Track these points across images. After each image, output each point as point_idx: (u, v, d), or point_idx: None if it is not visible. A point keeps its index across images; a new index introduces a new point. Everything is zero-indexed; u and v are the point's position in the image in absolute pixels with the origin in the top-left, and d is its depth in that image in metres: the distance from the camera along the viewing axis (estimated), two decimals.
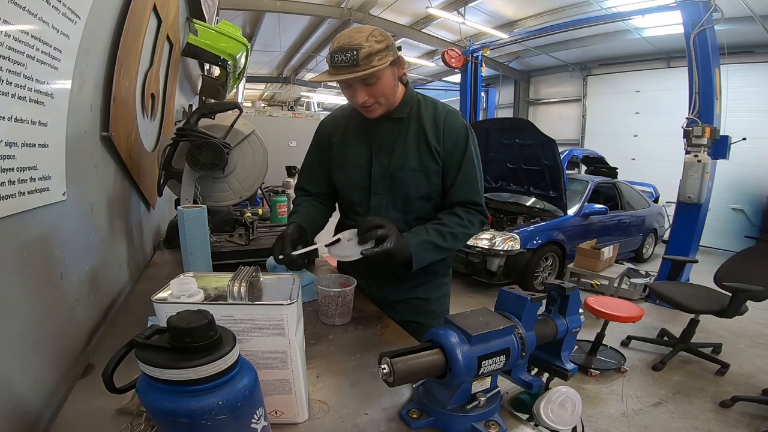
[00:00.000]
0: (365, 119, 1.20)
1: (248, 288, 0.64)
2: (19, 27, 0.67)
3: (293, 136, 9.75)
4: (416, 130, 1.20)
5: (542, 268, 4.51)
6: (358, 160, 1.23)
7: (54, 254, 0.84)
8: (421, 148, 1.19)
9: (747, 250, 3.25)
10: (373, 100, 1.09)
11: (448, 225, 1.18)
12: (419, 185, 1.19)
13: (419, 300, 1.32)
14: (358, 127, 1.25)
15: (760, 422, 2.34)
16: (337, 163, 1.27)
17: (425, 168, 1.19)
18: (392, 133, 1.20)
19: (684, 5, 4.09)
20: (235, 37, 2.86)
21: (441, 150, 1.18)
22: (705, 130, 3.98)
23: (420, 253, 1.13)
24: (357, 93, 1.07)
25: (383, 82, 1.07)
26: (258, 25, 8.41)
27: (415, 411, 0.73)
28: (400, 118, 1.20)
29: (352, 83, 1.06)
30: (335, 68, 1.03)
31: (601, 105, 9.38)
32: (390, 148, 1.20)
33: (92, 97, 1.05)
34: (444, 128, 1.18)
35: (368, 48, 1.00)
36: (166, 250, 1.78)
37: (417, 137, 1.19)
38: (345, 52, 1.00)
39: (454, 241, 1.18)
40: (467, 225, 1.19)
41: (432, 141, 1.18)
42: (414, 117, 1.21)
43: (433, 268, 1.26)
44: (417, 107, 1.22)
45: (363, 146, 1.23)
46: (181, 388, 0.46)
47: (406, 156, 1.18)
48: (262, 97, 17.01)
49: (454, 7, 6.80)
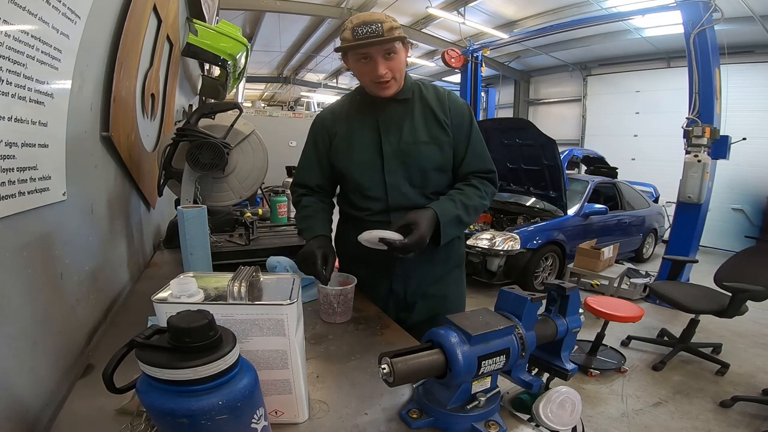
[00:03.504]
0: (369, 105, 1.25)
1: (248, 288, 0.64)
2: (19, 27, 0.67)
3: (293, 136, 9.75)
4: (422, 107, 1.25)
5: (542, 268, 4.51)
6: (366, 142, 1.24)
7: (54, 254, 0.84)
8: (429, 122, 1.24)
9: (747, 250, 3.25)
10: (391, 74, 1.15)
11: (469, 196, 1.22)
12: (433, 157, 1.22)
13: (437, 297, 1.33)
14: (362, 113, 1.27)
15: (760, 422, 2.34)
16: (342, 150, 1.27)
17: (436, 139, 1.23)
18: (398, 112, 1.24)
19: (684, 5, 4.09)
20: (235, 37, 2.86)
21: (449, 122, 1.24)
22: (705, 130, 3.98)
23: (448, 228, 1.17)
24: (379, 65, 1.12)
25: (399, 57, 1.15)
26: (258, 25, 8.41)
27: (415, 411, 0.73)
28: (404, 99, 1.24)
29: (374, 56, 1.12)
30: (359, 40, 1.09)
31: (601, 105, 9.38)
32: (398, 126, 1.23)
33: (92, 97, 1.05)
34: (449, 103, 1.26)
35: (389, 23, 1.10)
36: (166, 250, 1.78)
37: (423, 113, 1.24)
38: (370, 25, 1.08)
39: (475, 214, 1.23)
40: (483, 196, 1.25)
41: (439, 114, 1.24)
42: (417, 97, 1.26)
43: (452, 258, 1.34)
44: (419, 90, 1.28)
45: (369, 129, 1.25)
46: (181, 388, 0.46)
47: (415, 131, 1.22)
48: (262, 97, 17.01)
49: (454, 7, 6.81)
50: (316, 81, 13.46)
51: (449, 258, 1.34)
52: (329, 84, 13.79)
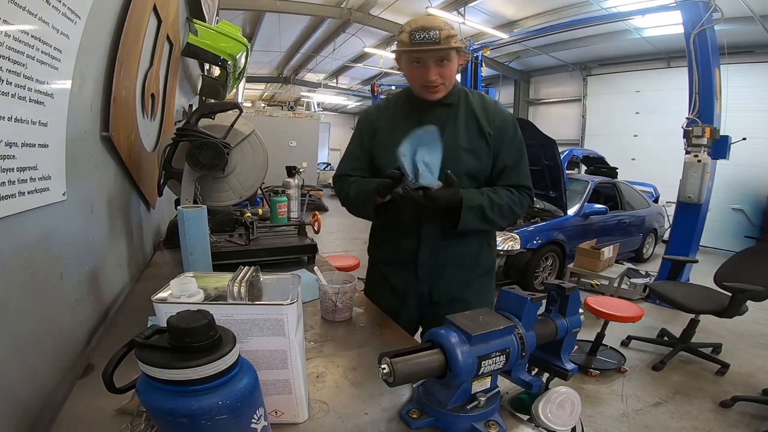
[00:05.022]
0: (413, 105, 1.28)
1: (248, 288, 0.64)
2: (19, 27, 0.67)
3: (293, 136, 9.77)
4: (466, 114, 1.26)
5: (542, 268, 4.51)
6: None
7: (54, 254, 0.84)
8: (471, 130, 1.24)
9: (747, 250, 3.25)
10: (441, 80, 1.17)
11: (500, 196, 1.22)
12: (469, 163, 1.22)
13: (463, 302, 1.31)
14: (406, 112, 1.29)
15: (760, 422, 2.34)
16: (383, 142, 1.28)
17: (476, 148, 1.23)
18: (442, 116, 1.25)
19: (684, 5, 4.09)
20: (235, 37, 2.86)
21: (492, 133, 1.24)
22: (705, 130, 3.98)
23: (468, 213, 1.16)
24: (430, 70, 1.15)
25: (452, 64, 1.17)
26: (258, 25, 8.42)
27: (415, 411, 0.73)
28: (449, 104, 1.26)
29: (427, 61, 1.14)
30: (415, 45, 1.11)
31: (601, 105, 9.38)
32: (440, 130, 1.21)
33: (92, 97, 1.05)
34: (494, 114, 1.26)
35: (447, 31, 1.12)
36: (166, 250, 1.78)
37: (467, 120, 1.25)
38: (428, 31, 1.10)
39: (500, 215, 1.21)
40: (517, 203, 1.24)
41: (483, 123, 1.24)
42: (463, 103, 1.27)
43: (481, 265, 1.33)
44: (465, 96, 1.29)
45: (412, 128, 1.23)
46: (181, 388, 0.46)
47: (456, 136, 1.23)
48: (262, 97, 17.01)
49: (454, 7, 6.81)
50: (316, 81, 13.46)
51: (478, 265, 1.33)
52: (329, 84, 13.79)
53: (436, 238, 1.27)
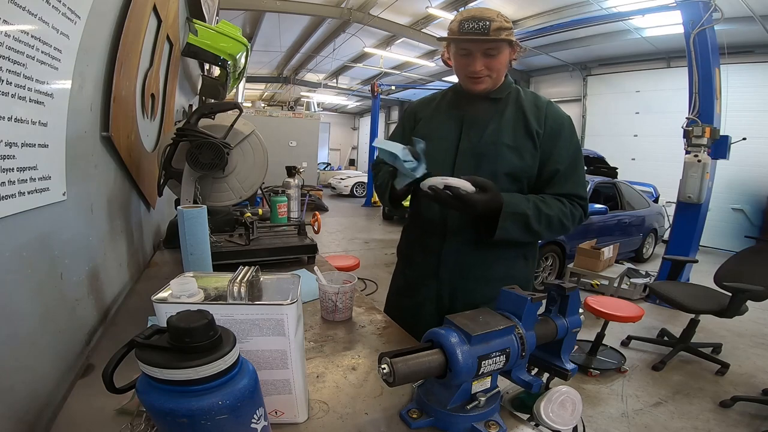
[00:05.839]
0: (459, 98, 1.23)
1: (248, 288, 0.64)
2: (19, 27, 0.67)
3: (293, 136, 9.77)
4: (514, 111, 1.17)
5: (542, 268, 4.51)
6: (446, 134, 1.20)
7: (54, 254, 0.84)
8: (518, 127, 1.15)
9: (747, 250, 3.25)
10: (487, 72, 1.11)
11: (549, 205, 1.09)
12: (510, 161, 1.12)
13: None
14: (450, 105, 1.24)
15: (760, 422, 2.34)
16: (422, 134, 1.17)
17: (519, 146, 1.13)
18: (488, 111, 1.18)
19: (684, 5, 4.09)
20: (235, 37, 2.86)
21: (541, 132, 1.13)
22: (705, 130, 3.98)
23: (508, 221, 1.05)
24: (476, 61, 1.09)
25: (501, 57, 1.10)
26: (258, 25, 8.42)
27: (415, 411, 0.73)
28: (497, 99, 1.18)
29: (474, 51, 1.09)
30: (464, 34, 1.06)
31: (601, 105, 9.39)
32: (483, 125, 1.17)
33: (92, 97, 1.05)
34: (547, 113, 1.15)
35: (499, 22, 1.05)
36: (166, 250, 1.78)
37: (515, 117, 1.16)
38: (478, 21, 1.04)
39: (547, 228, 1.09)
40: (568, 216, 1.11)
41: (532, 122, 1.14)
42: (513, 99, 1.19)
43: (511, 281, 1.16)
44: (516, 92, 1.21)
45: (454, 121, 1.20)
46: (181, 388, 0.46)
47: (499, 132, 1.14)
48: (262, 97, 17.02)
49: (454, 7, 6.81)
50: (316, 81, 13.47)
51: (507, 280, 1.05)
52: (329, 84, 13.80)
53: (463, 240, 1.17)
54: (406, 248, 1.37)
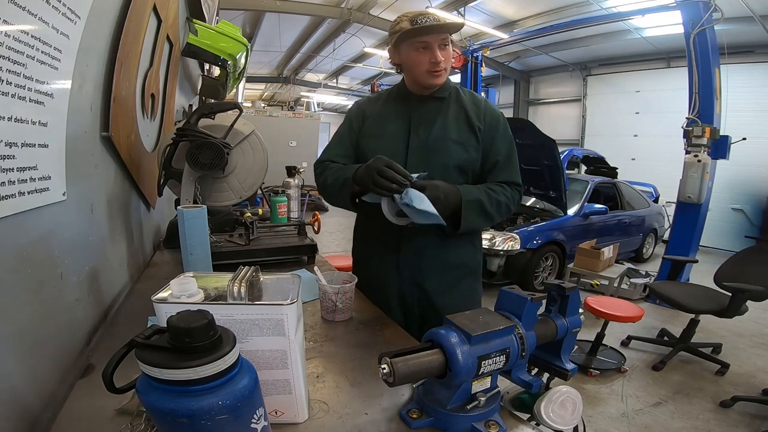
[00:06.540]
0: (405, 98, 1.30)
1: (248, 288, 0.64)
2: (19, 27, 0.67)
3: (293, 136, 9.76)
4: (456, 109, 1.27)
5: (542, 268, 4.51)
6: (396, 131, 1.27)
7: (54, 254, 0.84)
8: (461, 124, 1.25)
9: (747, 250, 3.25)
10: (444, 64, 1.19)
11: (495, 191, 1.21)
12: (458, 155, 1.23)
13: (449, 310, 1.28)
14: (398, 104, 1.31)
15: (760, 422, 2.34)
16: (372, 132, 1.29)
17: (464, 141, 1.24)
18: (433, 109, 1.27)
19: (684, 5, 4.09)
20: (235, 37, 2.86)
21: (482, 128, 1.25)
22: (705, 130, 3.98)
23: (468, 211, 1.15)
24: (436, 52, 1.17)
25: (450, 50, 1.20)
26: (258, 25, 8.41)
27: (415, 411, 0.73)
28: (441, 98, 1.28)
29: (433, 44, 1.17)
30: (421, 28, 1.14)
31: (601, 105, 9.38)
32: (430, 122, 1.25)
33: (92, 97, 1.05)
34: (485, 110, 1.28)
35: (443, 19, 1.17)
36: (166, 250, 1.78)
37: (457, 115, 1.26)
38: (427, 16, 1.15)
39: (497, 210, 1.21)
40: (510, 199, 1.24)
41: (473, 118, 1.25)
42: (454, 98, 1.29)
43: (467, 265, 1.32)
44: (456, 92, 1.31)
45: (401, 119, 1.28)
46: (181, 388, 0.46)
47: (446, 128, 1.24)
48: (262, 97, 17.01)
49: (454, 7, 6.81)
50: (316, 81, 13.46)
51: (464, 264, 1.31)
52: (329, 84, 13.79)
53: (419, 234, 1.25)
54: (364, 246, 1.40)
